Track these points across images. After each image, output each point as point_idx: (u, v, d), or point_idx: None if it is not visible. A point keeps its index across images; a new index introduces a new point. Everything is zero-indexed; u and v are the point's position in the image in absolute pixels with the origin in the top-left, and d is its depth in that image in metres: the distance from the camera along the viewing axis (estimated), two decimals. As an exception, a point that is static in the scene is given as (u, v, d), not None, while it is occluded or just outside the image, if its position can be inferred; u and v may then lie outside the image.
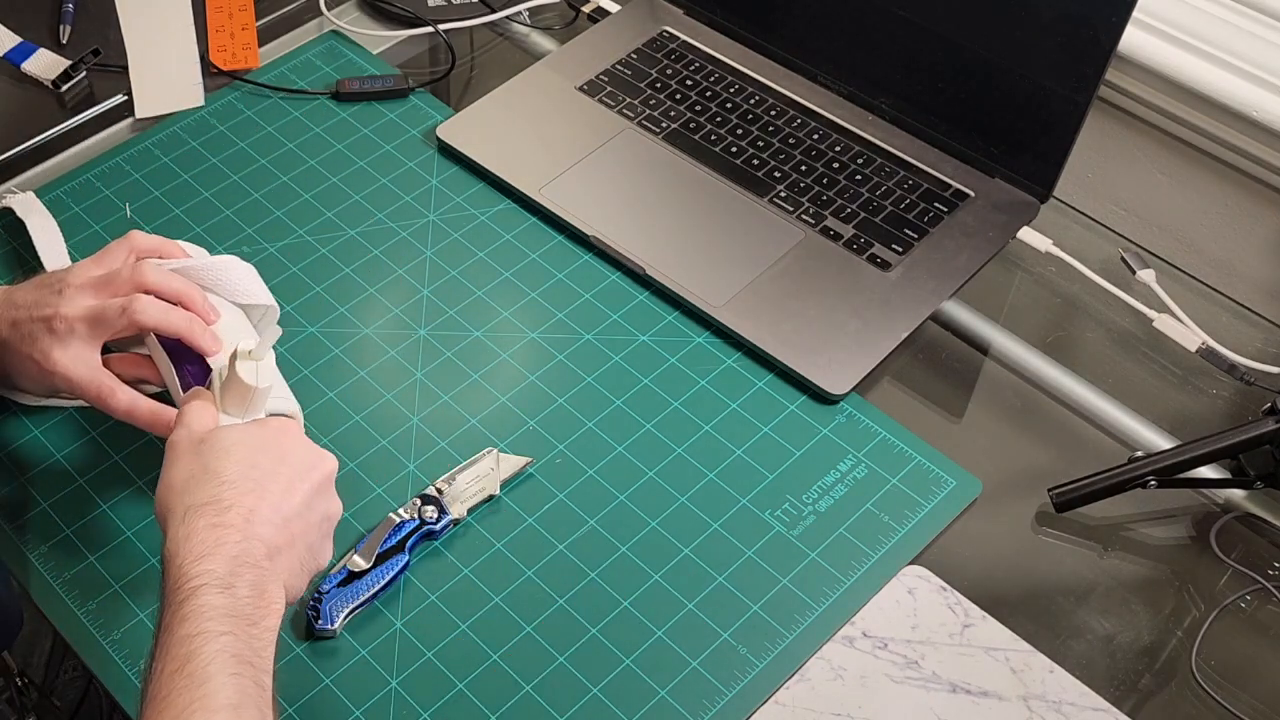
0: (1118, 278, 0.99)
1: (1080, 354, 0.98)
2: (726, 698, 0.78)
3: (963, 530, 0.86)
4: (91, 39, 1.17)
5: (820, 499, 0.87)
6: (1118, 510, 0.88)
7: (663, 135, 1.08)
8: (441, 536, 0.85)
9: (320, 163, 1.07)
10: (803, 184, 1.04)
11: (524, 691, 0.78)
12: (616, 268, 1.00)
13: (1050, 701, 0.78)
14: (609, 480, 0.88)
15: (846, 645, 0.80)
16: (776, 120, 1.09)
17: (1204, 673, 0.80)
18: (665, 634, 0.80)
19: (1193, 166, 1.18)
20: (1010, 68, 0.99)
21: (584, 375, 0.94)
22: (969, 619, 0.81)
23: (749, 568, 0.84)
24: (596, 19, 1.21)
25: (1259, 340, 0.98)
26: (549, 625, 0.81)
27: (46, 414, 0.91)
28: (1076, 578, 0.85)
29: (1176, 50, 1.12)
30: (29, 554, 0.84)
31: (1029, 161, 1.02)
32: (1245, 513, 0.88)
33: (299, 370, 0.93)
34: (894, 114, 1.08)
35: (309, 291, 0.98)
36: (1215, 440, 0.85)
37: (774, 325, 0.95)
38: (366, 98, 1.12)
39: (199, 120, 1.11)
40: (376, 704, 0.77)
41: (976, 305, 1.00)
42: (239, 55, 1.16)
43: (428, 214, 1.04)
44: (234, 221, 1.03)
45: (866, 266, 0.99)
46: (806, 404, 0.92)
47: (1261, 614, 0.84)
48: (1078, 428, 0.94)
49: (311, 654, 0.79)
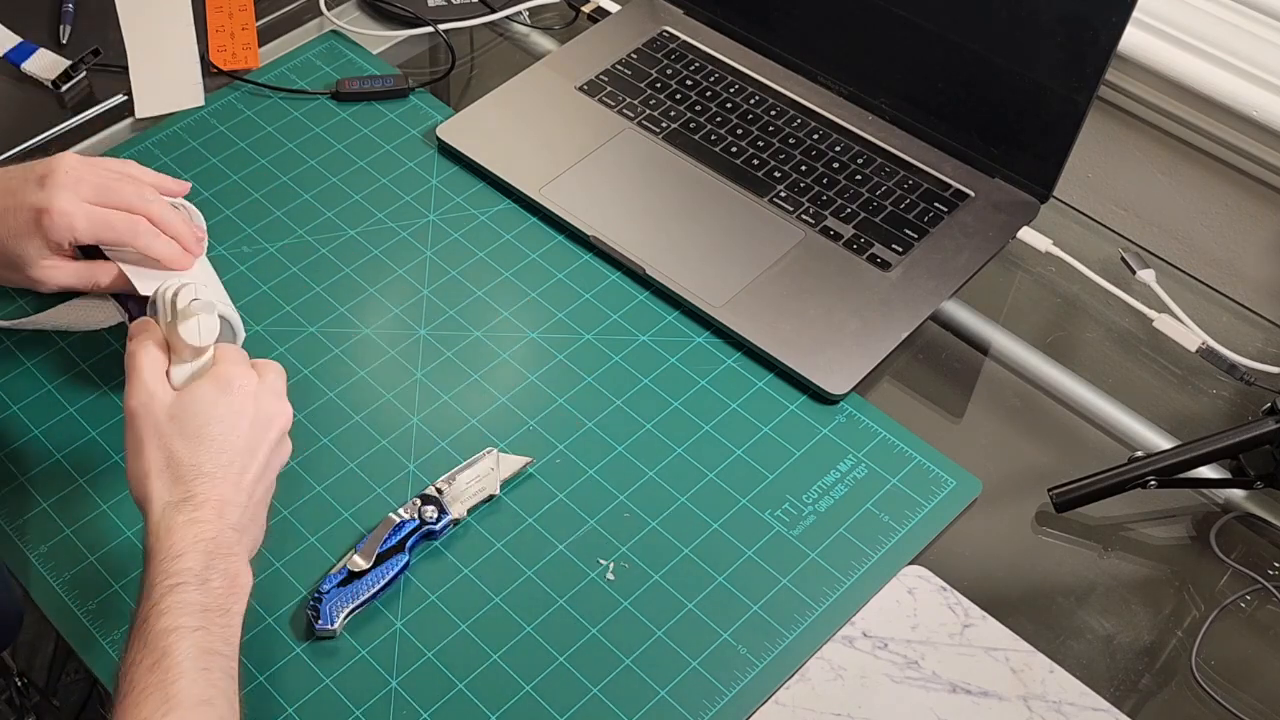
0: (1118, 278, 0.99)
1: (1080, 354, 0.98)
2: (726, 698, 0.78)
3: (963, 530, 0.86)
4: (91, 39, 1.17)
5: (820, 499, 0.87)
6: (1118, 510, 0.88)
7: (663, 135, 1.08)
8: (441, 536, 0.85)
9: (320, 163, 1.07)
10: (803, 184, 1.04)
11: (524, 691, 0.78)
12: (616, 268, 1.00)
13: (1050, 701, 0.78)
14: (609, 480, 0.88)
15: (846, 645, 0.80)
16: (776, 120, 1.09)
17: (1204, 673, 0.80)
18: (665, 634, 0.80)
19: (1193, 166, 1.18)
20: (1010, 68, 0.99)
21: (584, 375, 0.94)
22: (969, 619, 0.81)
23: (749, 568, 0.84)
24: (596, 19, 1.21)
25: (1259, 340, 0.98)
26: (549, 625, 0.81)
27: (47, 413, 0.91)
28: (1076, 578, 0.85)
29: (1176, 50, 1.12)
30: (29, 554, 0.84)
31: (1029, 161, 1.02)
32: (1245, 513, 0.88)
33: (299, 370, 0.93)
34: (894, 114, 1.08)
35: (309, 291, 0.98)
36: (1215, 440, 0.85)
37: (774, 325, 0.95)
38: (366, 98, 1.12)
39: (199, 120, 1.11)
40: (376, 704, 0.77)
41: (976, 305, 1.00)
42: (239, 55, 1.16)
43: (428, 214, 1.04)
44: (234, 221, 1.03)
45: (866, 266, 0.99)
46: (806, 404, 0.92)
47: (1261, 614, 0.84)
48: (1078, 428, 0.94)
49: (311, 654, 0.80)
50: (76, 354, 0.94)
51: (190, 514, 0.70)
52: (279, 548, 0.84)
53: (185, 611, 0.67)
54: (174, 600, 0.67)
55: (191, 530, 0.70)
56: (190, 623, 0.67)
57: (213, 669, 0.67)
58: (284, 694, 0.78)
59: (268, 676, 0.78)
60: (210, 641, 0.67)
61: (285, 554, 0.84)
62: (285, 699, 0.77)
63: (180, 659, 0.65)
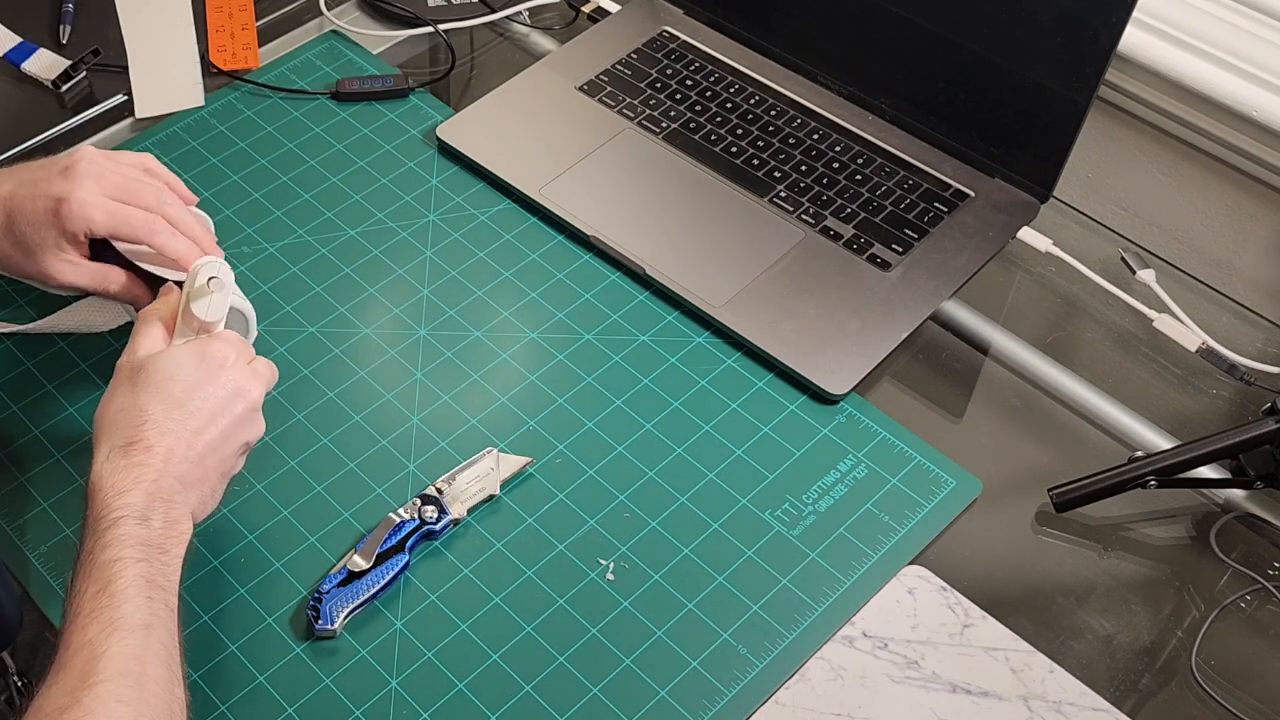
0: (1118, 278, 0.99)
1: (1080, 354, 0.98)
2: (726, 698, 0.78)
3: (963, 530, 0.86)
4: (91, 39, 1.17)
5: (820, 499, 0.87)
6: (1118, 510, 0.88)
7: (663, 135, 1.08)
8: (441, 536, 0.85)
9: (320, 163, 1.07)
10: (803, 184, 1.04)
11: (524, 691, 0.78)
12: (616, 268, 1.00)
13: (1050, 701, 0.78)
14: (609, 480, 0.88)
15: (846, 645, 0.80)
16: (776, 120, 1.09)
17: (1204, 673, 0.80)
18: (665, 634, 0.80)
19: (1193, 166, 1.18)
20: (1010, 68, 0.99)
21: (584, 375, 0.94)
22: (969, 619, 0.81)
23: (749, 568, 0.84)
24: (596, 19, 1.21)
25: (1259, 340, 0.98)
26: (549, 625, 0.81)
27: (47, 413, 0.91)
28: (1076, 578, 0.85)
29: (1176, 50, 1.12)
30: (29, 554, 0.84)
31: (1029, 161, 1.02)
32: (1245, 513, 0.88)
33: (299, 370, 0.93)
34: (894, 114, 1.08)
35: (309, 291, 0.98)
36: (1215, 440, 0.85)
37: (774, 325, 0.95)
38: (366, 98, 1.12)
39: (199, 120, 1.11)
40: (376, 704, 0.77)
41: (976, 305, 1.00)
42: (239, 55, 1.16)
43: (428, 214, 1.04)
44: (234, 221, 1.03)
45: (866, 266, 0.99)
46: (806, 404, 0.92)
47: (1261, 614, 0.84)
48: (1078, 428, 0.94)
49: (311, 654, 0.80)
50: (76, 354, 0.94)
51: (135, 457, 0.73)
52: (279, 548, 0.84)
53: (128, 544, 0.70)
54: (117, 533, 0.70)
55: (134, 472, 0.73)
56: (133, 554, 0.70)
57: (155, 599, 0.70)
58: (284, 694, 0.78)
59: (268, 676, 0.78)
60: (152, 573, 0.70)
61: (285, 554, 0.84)
62: (285, 699, 0.77)
63: (124, 586, 0.68)
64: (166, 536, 0.72)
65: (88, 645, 0.66)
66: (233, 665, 0.79)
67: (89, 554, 0.70)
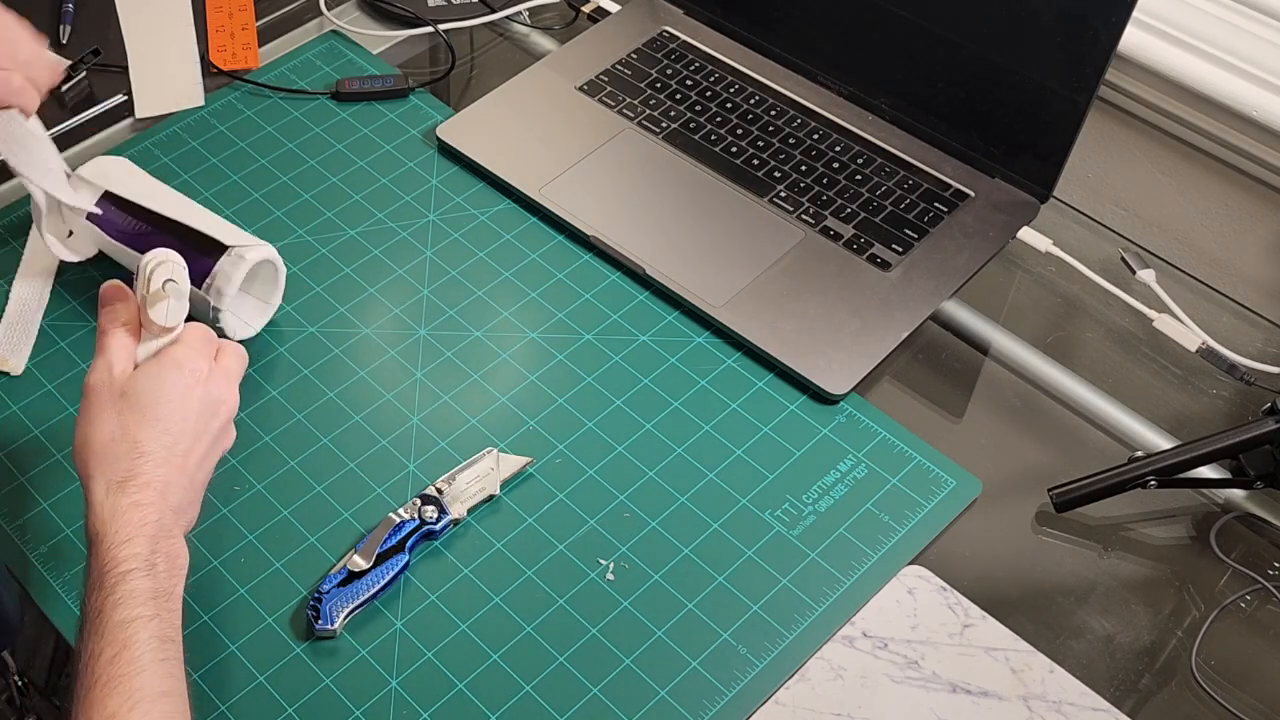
0: (1118, 278, 0.99)
1: (1080, 354, 0.98)
2: (726, 698, 0.78)
3: (963, 530, 0.86)
4: (91, 39, 1.17)
5: (820, 499, 0.87)
6: (1118, 510, 0.88)
7: (663, 135, 1.08)
8: (441, 536, 0.85)
9: (320, 163, 1.07)
10: (803, 184, 1.04)
11: (524, 691, 0.78)
12: (616, 268, 1.00)
13: (1050, 701, 0.78)
14: (609, 480, 0.88)
15: (846, 645, 0.80)
16: (776, 120, 1.09)
17: (1204, 673, 0.80)
18: (665, 634, 0.80)
19: (1193, 166, 1.18)
20: (1010, 67, 0.99)
21: (584, 375, 0.94)
22: (969, 619, 0.81)
23: (749, 568, 0.84)
24: (596, 19, 1.21)
25: (1259, 340, 0.98)
26: (549, 625, 0.81)
27: (46, 413, 0.91)
28: (1076, 578, 0.85)
29: (1176, 50, 1.12)
30: (29, 554, 0.84)
31: (1029, 161, 1.02)
32: (1245, 513, 0.88)
33: (299, 370, 0.93)
34: (894, 114, 1.08)
35: (309, 291, 0.98)
36: (1215, 440, 0.85)
37: (774, 325, 0.95)
38: (366, 98, 1.12)
39: (199, 120, 1.11)
40: (376, 704, 0.77)
41: (976, 305, 1.00)
42: (239, 55, 1.16)
43: (428, 214, 1.04)
44: (234, 221, 1.02)
45: (866, 266, 0.99)
46: (806, 404, 0.92)
47: (1261, 614, 0.84)
48: (1078, 428, 0.94)
49: (311, 654, 0.80)
50: (76, 354, 0.94)
51: (134, 496, 0.72)
52: (279, 548, 0.84)
53: (139, 600, 0.69)
54: (127, 589, 0.69)
55: (136, 514, 0.71)
56: (146, 611, 0.69)
57: (170, 659, 0.69)
58: (284, 694, 0.78)
59: (268, 676, 0.78)
60: (164, 629, 0.69)
61: (285, 554, 0.84)
62: (285, 699, 0.77)
63: (140, 651, 0.67)
64: (171, 577, 0.71)
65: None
66: (233, 665, 0.79)
67: (98, 612, 0.68)
